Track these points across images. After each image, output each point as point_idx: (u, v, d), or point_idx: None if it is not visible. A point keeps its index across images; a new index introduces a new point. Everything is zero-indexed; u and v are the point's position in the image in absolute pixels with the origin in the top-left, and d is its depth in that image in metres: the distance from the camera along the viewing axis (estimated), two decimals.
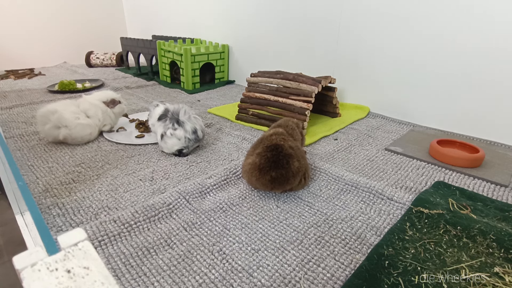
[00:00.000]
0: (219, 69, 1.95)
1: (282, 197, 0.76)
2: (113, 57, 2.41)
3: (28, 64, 2.37)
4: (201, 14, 2.06)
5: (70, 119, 1.00)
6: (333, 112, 1.34)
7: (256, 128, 1.22)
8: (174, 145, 0.95)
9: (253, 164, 0.73)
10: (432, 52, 1.16)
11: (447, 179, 0.85)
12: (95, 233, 0.61)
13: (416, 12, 1.16)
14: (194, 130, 0.95)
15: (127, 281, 0.52)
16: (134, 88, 1.81)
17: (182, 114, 0.96)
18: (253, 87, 1.30)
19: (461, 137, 1.11)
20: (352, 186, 0.80)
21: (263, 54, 1.77)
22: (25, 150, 0.98)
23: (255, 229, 0.65)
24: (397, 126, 1.25)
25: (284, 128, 0.84)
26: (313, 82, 1.14)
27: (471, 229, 0.62)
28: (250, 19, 1.76)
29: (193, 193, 0.75)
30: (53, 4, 2.41)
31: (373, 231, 0.65)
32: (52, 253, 0.26)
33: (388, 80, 1.31)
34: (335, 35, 1.42)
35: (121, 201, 0.74)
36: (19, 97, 1.54)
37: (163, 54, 1.89)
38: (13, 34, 2.30)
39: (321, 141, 1.10)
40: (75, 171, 0.87)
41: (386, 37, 1.26)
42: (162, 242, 0.61)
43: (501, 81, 1.03)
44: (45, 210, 0.69)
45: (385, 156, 0.99)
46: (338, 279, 0.53)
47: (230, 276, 0.53)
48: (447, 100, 1.17)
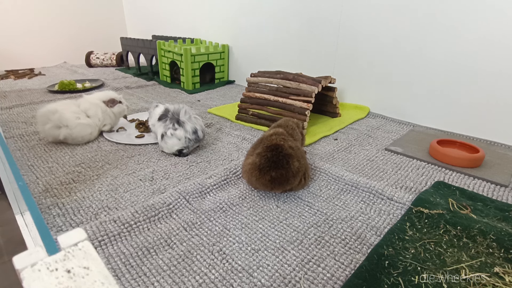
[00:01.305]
0: (219, 69, 1.95)
1: (282, 197, 0.76)
2: (113, 57, 2.41)
3: (28, 64, 2.37)
4: (201, 14, 2.06)
5: (71, 118, 1.00)
6: (333, 112, 1.34)
7: (256, 128, 1.22)
8: (175, 145, 0.94)
9: (253, 164, 0.73)
10: (432, 52, 1.16)
11: (447, 179, 0.85)
12: (95, 233, 0.61)
13: (416, 12, 1.16)
14: (195, 130, 0.95)
15: (127, 281, 0.52)
16: (134, 88, 1.81)
17: (183, 114, 0.96)
18: (253, 87, 1.30)
19: (461, 137, 1.11)
20: (352, 186, 0.80)
21: (263, 54, 1.77)
22: (25, 150, 0.98)
23: (255, 229, 0.65)
24: (397, 126, 1.25)
25: (284, 128, 0.84)
26: (313, 82, 1.14)
27: (471, 229, 0.62)
28: (250, 19, 1.76)
29: (193, 193, 0.75)
30: (53, 4, 2.41)
31: (373, 231, 0.65)
32: (52, 253, 0.26)
33: (388, 80, 1.31)
34: (335, 35, 1.42)
35: (121, 201, 0.74)
36: (19, 97, 1.54)
37: (163, 54, 1.89)
38: (13, 34, 2.30)
39: (321, 141, 1.10)
40: (75, 171, 0.87)
41: (386, 37, 1.26)
42: (162, 242, 0.61)
43: (501, 81, 1.03)
44: (45, 210, 0.69)
45: (385, 156, 0.99)
46: (338, 279, 0.53)
47: (230, 276, 0.53)
48: (447, 100, 1.17)
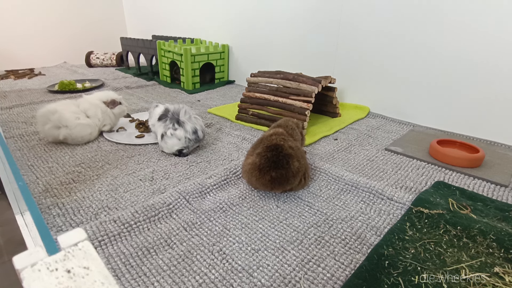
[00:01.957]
0: (219, 69, 1.95)
1: (282, 197, 0.76)
2: (113, 57, 2.41)
3: (28, 64, 2.37)
4: (201, 14, 2.06)
5: (70, 119, 1.00)
6: (333, 112, 1.34)
7: (256, 128, 1.22)
8: (174, 145, 0.95)
9: (253, 164, 0.73)
10: (433, 52, 1.16)
11: (447, 179, 0.85)
12: (95, 233, 0.61)
13: (416, 12, 1.16)
14: (195, 130, 0.95)
15: (127, 281, 0.52)
16: (134, 88, 1.81)
17: (183, 114, 0.96)
18: (253, 87, 1.30)
19: (461, 137, 1.11)
20: (352, 186, 0.80)
21: (263, 54, 1.77)
22: (25, 150, 0.98)
23: (255, 229, 0.65)
24: (397, 126, 1.25)
25: (284, 128, 0.84)
26: (313, 82, 1.14)
27: (471, 229, 0.62)
28: (250, 19, 1.76)
29: (193, 193, 0.75)
30: (53, 4, 2.41)
31: (373, 231, 0.65)
32: (52, 253, 0.26)
33: (388, 80, 1.31)
34: (335, 35, 1.42)
35: (121, 201, 0.74)
36: (19, 97, 1.54)
37: (163, 54, 1.89)
38: (13, 34, 2.30)
39: (321, 141, 1.10)
40: (75, 171, 0.87)
41: (386, 37, 1.26)
42: (162, 242, 0.61)
43: (501, 81, 1.03)
44: (45, 210, 0.69)
45: (385, 156, 0.99)
46: (338, 279, 0.53)
47: (230, 276, 0.53)
48: (447, 100, 1.17)
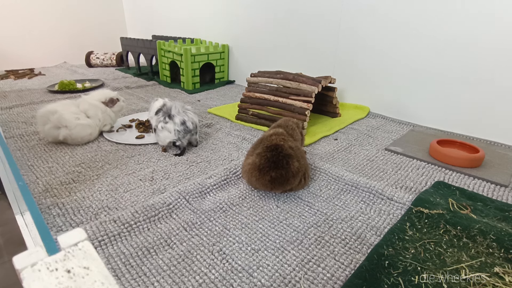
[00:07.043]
0: (219, 69, 1.95)
1: (282, 197, 0.76)
2: (113, 57, 2.41)
3: (28, 64, 2.37)
4: (201, 14, 2.06)
5: (70, 119, 1.00)
6: (333, 112, 1.34)
7: (256, 128, 1.22)
8: (166, 138, 0.97)
9: (253, 164, 0.73)
10: (432, 52, 1.16)
11: (447, 179, 0.85)
12: (95, 233, 0.61)
13: (416, 12, 1.16)
14: (183, 122, 0.97)
15: (127, 281, 0.52)
16: (134, 88, 1.81)
17: (174, 108, 0.99)
18: (253, 87, 1.30)
19: (461, 137, 1.11)
20: (352, 186, 0.80)
21: (263, 54, 1.77)
22: (25, 150, 0.98)
23: (255, 229, 0.65)
24: (397, 126, 1.25)
25: (284, 128, 0.84)
26: (313, 82, 1.14)
27: (471, 229, 0.62)
28: (250, 19, 1.76)
29: (193, 193, 0.75)
30: (53, 4, 2.41)
31: (373, 231, 0.65)
32: (52, 253, 0.26)
33: (388, 80, 1.31)
34: (335, 35, 1.42)
35: (121, 201, 0.74)
36: (19, 97, 1.54)
37: (163, 54, 1.89)
38: (13, 34, 2.30)
39: (321, 141, 1.10)
40: (75, 171, 0.87)
41: (386, 37, 1.26)
42: (162, 242, 0.61)
43: (501, 81, 1.03)
44: (45, 210, 0.69)
45: (385, 156, 0.99)
46: (338, 279, 0.53)
47: (230, 276, 0.53)
48: (447, 100, 1.17)
